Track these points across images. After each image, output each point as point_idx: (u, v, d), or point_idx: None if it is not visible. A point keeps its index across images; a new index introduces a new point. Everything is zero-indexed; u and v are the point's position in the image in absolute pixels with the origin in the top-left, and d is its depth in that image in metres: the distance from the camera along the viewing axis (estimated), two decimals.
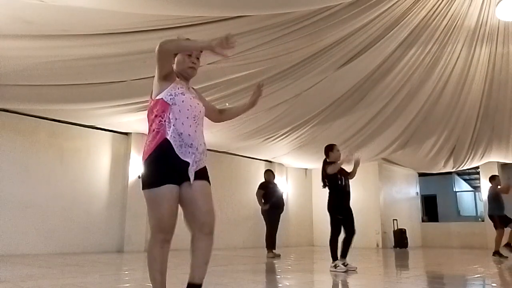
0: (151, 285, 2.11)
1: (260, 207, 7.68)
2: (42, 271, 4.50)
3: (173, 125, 2.10)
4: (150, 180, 2.08)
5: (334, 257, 4.83)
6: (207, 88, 5.82)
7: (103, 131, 8.08)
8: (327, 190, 5.17)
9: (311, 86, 7.07)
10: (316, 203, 12.55)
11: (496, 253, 7.43)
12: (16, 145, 6.86)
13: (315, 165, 11.95)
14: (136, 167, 8.27)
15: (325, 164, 5.12)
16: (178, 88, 2.19)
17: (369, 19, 5.66)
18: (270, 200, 7.56)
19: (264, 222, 7.60)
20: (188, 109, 2.17)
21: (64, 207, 7.24)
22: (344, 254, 4.92)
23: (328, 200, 5.07)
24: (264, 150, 10.05)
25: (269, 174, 8.01)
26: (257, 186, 7.92)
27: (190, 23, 4.64)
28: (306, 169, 12.70)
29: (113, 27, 4.48)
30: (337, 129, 8.70)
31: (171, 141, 2.08)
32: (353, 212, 5.09)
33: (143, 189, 2.11)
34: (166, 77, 2.18)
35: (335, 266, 4.76)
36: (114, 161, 8.17)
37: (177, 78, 2.25)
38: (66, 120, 7.46)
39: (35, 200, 6.90)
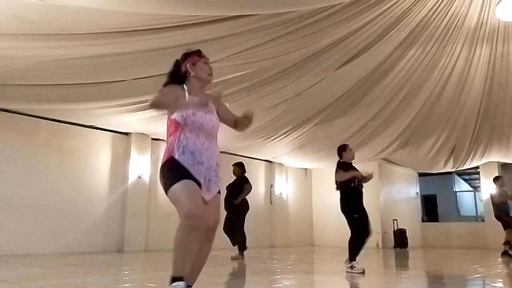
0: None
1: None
2: (42, 271, 4.49)
3: (184, 145, 2.21)
4: (171, 181, 2.17)
5: (352, 258, 4.67)
6: (207, 88, 5.82)
7: (103, 131, 8.08)
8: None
9: (311, 86, 7.07)
10: (316, 203, 12.56)
11: (505, 253, 7.42)
12: (16, 145, 6.86)
13: (315, 165, 11.96)
14: (136, 167, 8.28)
15: (339, 165, 4.98)
16: (191, 107, 2.28)
17: (369, 19, 5.67)
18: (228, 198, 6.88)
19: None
20: (199, 128, 2.26)
21: (64, 207, 7.24)
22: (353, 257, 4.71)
23: (341, 201, 4.92)
24: (264, 150, 10.05)
25: (234, 168, 7.15)
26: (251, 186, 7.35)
27: (189, 23, 4.64)
28: (306, 169, 12.70)
29: (113, 26, 4.48)
30: (337, 128, 8.70)
31: (182, 161, 2.18)
32: (367, 212, 4.92)
33: (167, 190, 2.19)
34: (174, 103, 2.28)
35: (352, 267, 4.61)
36: (114, 161, 8.17)
37: (188, 95, 2.31)
38: (66, 120, 7.46)
39: (35, 200, 6.90)
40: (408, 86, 7.67)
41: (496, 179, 7.95)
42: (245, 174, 7.13)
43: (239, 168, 7.14)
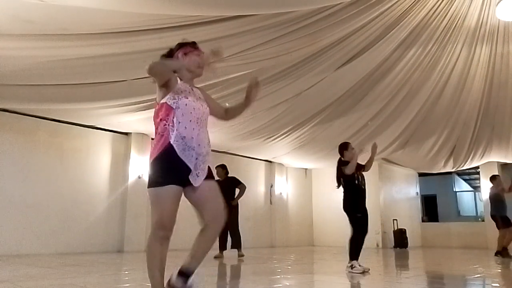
0: (149, 283, 2.14)
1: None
2: (42, 271, 4.50)
3: (176, 129, 2.17)
4: (155, 180, 2.15)
5: (352, 257, 4.67)
6: (207, 88, 5.79)
7: (103, 131, 8.08)
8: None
9: (311, 86, 7.07)
10: (316, 203, 12.56)
11: (498, 253, 7.43)
12: (16, 145, 6.86)
13: (315, 165, 11.96)
14: (136, 167, 8.28)
15: (341, 163, 4.95)
16: (182, 92, 2.25)
17: (369, 19, 5.66)
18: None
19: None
20: (191, 112, 2.23)
21: (64, 207, 7.24)
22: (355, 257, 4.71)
23: (344, 200, 4.90)
24: (264, 150, 10.05)
25: (217, 170, 7.10)
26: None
27: (190, 23, 4.64)
28: (306, 169, 12.70)
29: (113, 26, 4.48)
30: (337, 129, 8.70)
31: (174, 146, 2.15)
32: (368, 213, 4.94)
33: (148, 187, 2.19)
34: (167, 84, 2.25)
35: (352, 267, 4.60)
36: (114, 161, 8.17)
37: (179, 81, 2.30)
38: (66, 120, 7.46)
39: (35, 200, 6.90)
40: (408, 86, 7.66)
41: (492, 178, 7.98)
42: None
43: (223, 169, 7.18)
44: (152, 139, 8.56)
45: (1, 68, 4.97)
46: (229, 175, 7.21)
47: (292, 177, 12.23)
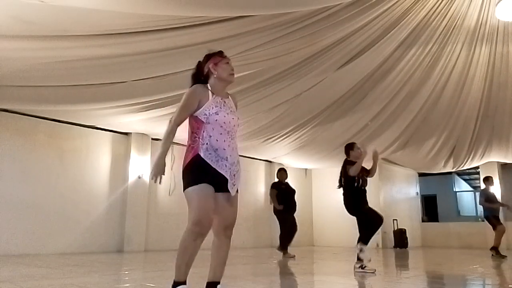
0: (174, 272, 2.25)
1: (273, 207, 7.47)
2: (42, 271, 4.50)
3: (208, 142, 2.30)
4: (189, 181, 2.27)
5: (362, 243, 4.64)
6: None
7: (103, 131, 8.08)
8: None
9: (311, 87, 7.07)
10: (316, 203, 12.55)
11: (495, 251, 7.47)
12: (16, 145, 6.86)
13: (315, 165, 11.96)
14: (136, 167, 8.28)
15: (346, 163, 4.91)
16: (213, 108, 2.37)
17: (369, 19, 5.67)
18: (285, 201, 7.26)
19: (275, 222, 7.64)
20: (221, 126, 2.35)
21: (64, 207, 7.24)
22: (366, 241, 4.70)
23: (346, 201, 4.87)
24: (264, 150, 10.05)
25: (282, 173, 7.68)
26: (270, 186, 7.74)
27: (190, 24, 4.64)
28: (306, 169, 12.70)
29: (114, 27, 4.48)
30: (338, 129, 8.70)
31: (206, 158, 2.27)
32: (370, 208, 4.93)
33: (184, 190, 2.29)
34: (198, 107, 2.38)
35: (362, 267, 4.56)
36: (114, 161, 8.17)
37: (211, 96, 2.41)
38: (66, 120, 7.46)
39: (35, 200, 6.90)
40: (408, 86, 7.67)
41: (485, 180, 8.02)
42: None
43: (286, 172, 7.73)
44: (153, 139, 8.59)
45: (1, 69, 4.97)
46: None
47: (292, 177, 12.15)
